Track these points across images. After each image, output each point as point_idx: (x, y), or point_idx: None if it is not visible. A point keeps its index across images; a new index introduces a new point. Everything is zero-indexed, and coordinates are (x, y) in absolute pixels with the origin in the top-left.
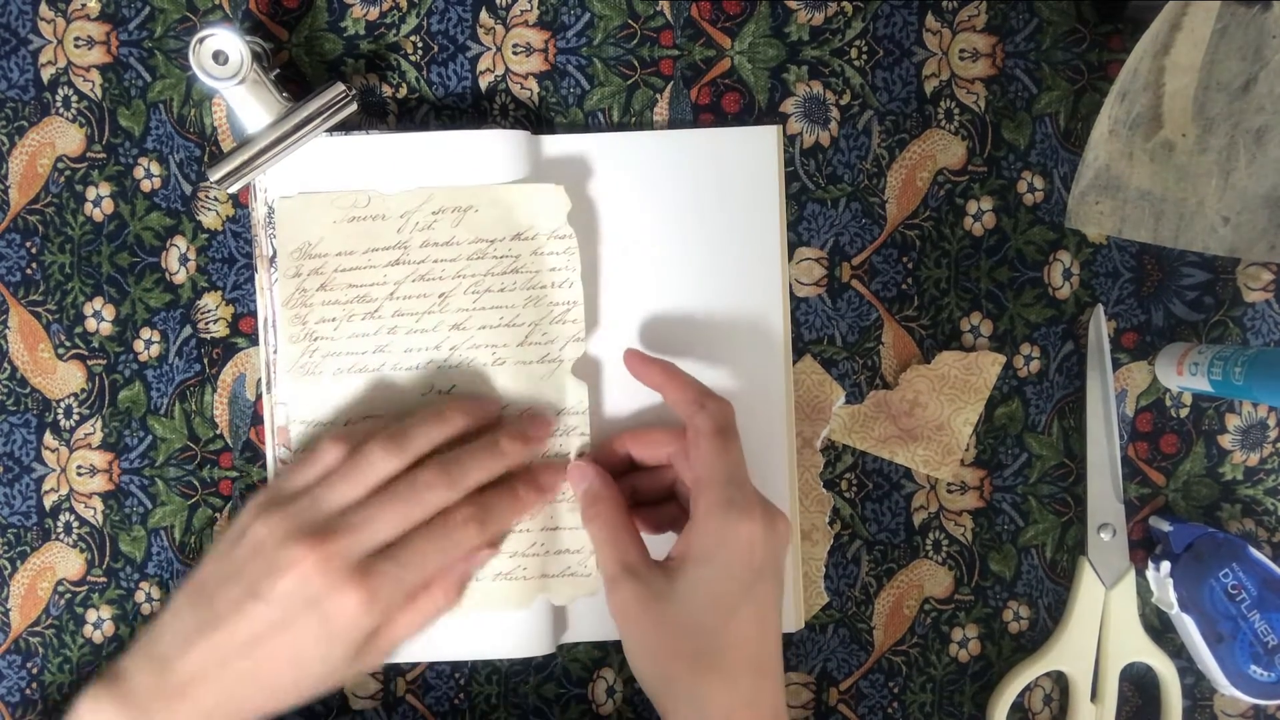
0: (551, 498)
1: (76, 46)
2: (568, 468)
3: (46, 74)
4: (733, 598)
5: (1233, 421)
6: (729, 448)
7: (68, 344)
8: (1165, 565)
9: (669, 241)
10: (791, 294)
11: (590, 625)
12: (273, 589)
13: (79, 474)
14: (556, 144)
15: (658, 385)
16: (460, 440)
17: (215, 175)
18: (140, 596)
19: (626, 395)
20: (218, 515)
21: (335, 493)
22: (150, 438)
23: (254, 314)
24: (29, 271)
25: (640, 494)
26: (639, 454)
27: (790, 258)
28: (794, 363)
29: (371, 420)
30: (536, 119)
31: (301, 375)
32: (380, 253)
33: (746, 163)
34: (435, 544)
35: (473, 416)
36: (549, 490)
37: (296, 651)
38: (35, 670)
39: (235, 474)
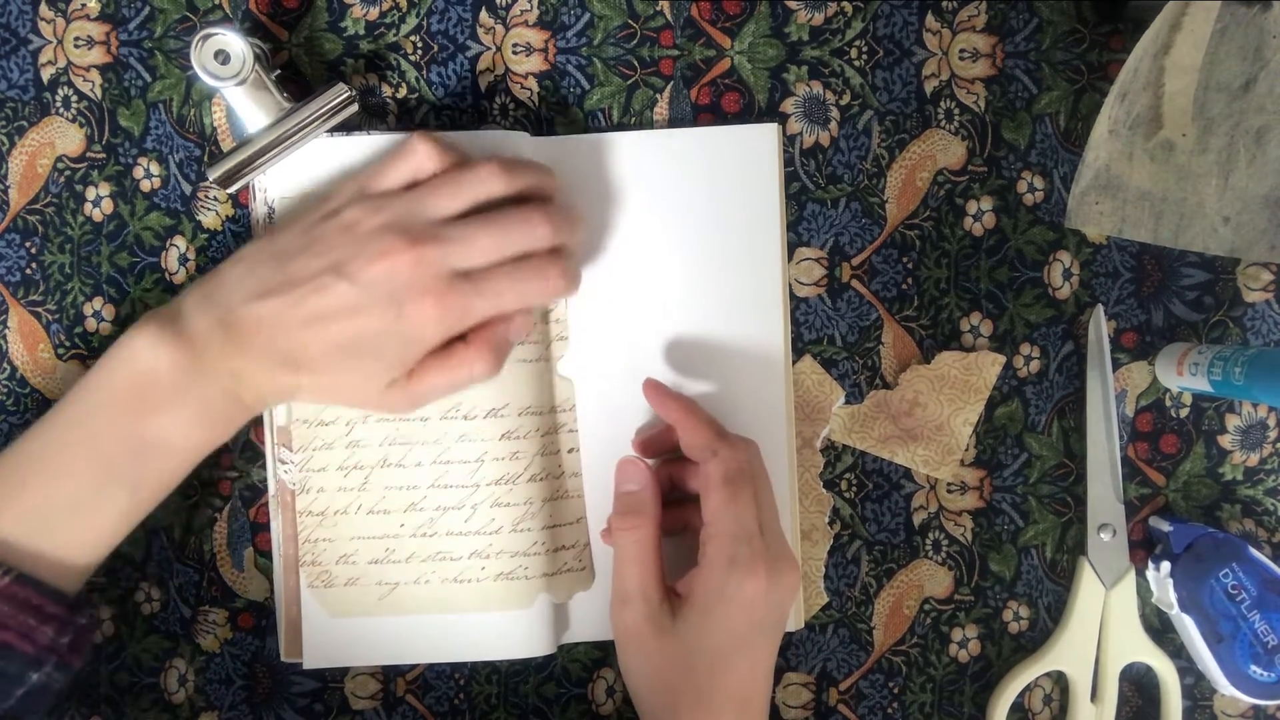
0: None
1: (76, 46)
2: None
3: (46, 74)
4: (728, 648)
5: (1233, 421)
6: (738, 498)
7: (68, 344)
8: (1165, 565)
9: (668, 241)
10: (791, 294)
11: (590, 625)
12: (360, 271)
13: None
14: (556, 144)
15: (674, 421)
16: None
17: (214, 175)
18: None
19: (621, 394)
20: (217, 515)
21: (438, 200)
22: None
23: None
24: (29, 271)
25: (675, 487)
26: (685, 450)
27: (790, 258)
28: (794, 363)
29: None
30: (536, 119)
31: None
32: None
33: (746, 161)
34: (517, 284)
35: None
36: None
37: (356, 341)
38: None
39: (235, 474)
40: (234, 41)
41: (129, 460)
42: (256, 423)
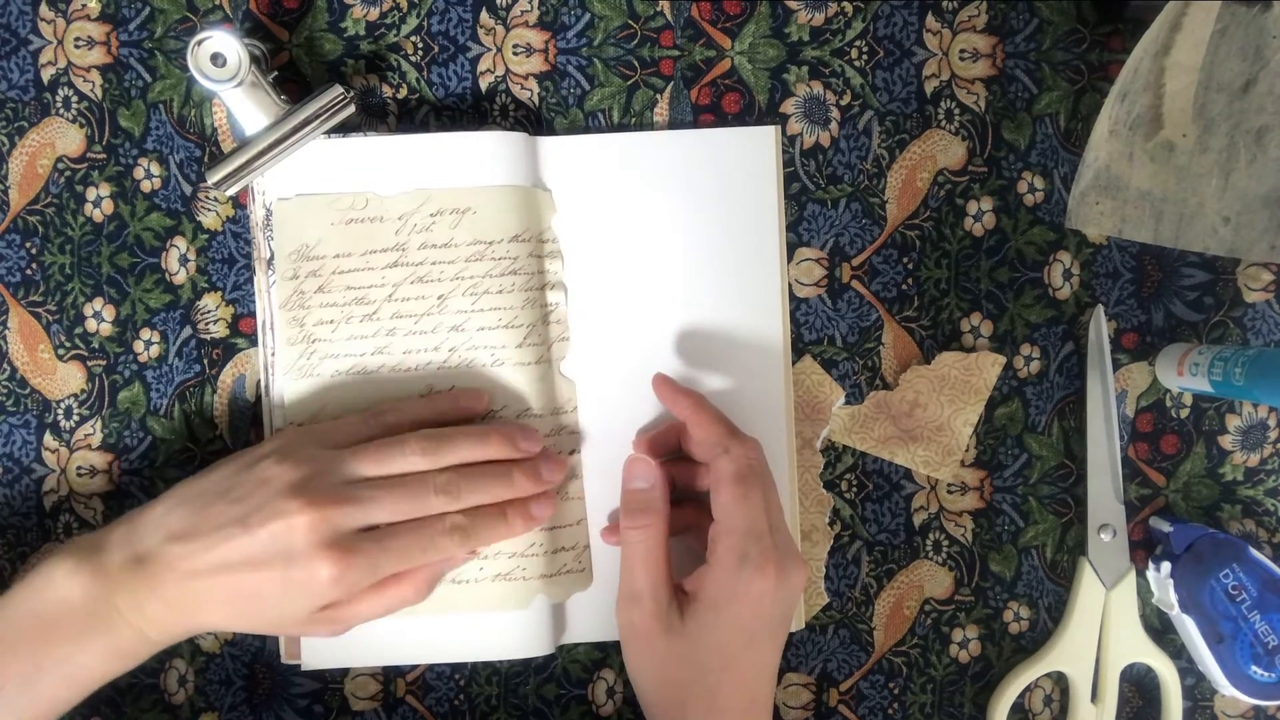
0: (538, 525)
1: (76, 47)
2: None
3: (46, 74)
4: (736, 646)
5: (1233, 422)
6: (749, 495)
7: (68, 344)
8: (1166, 566)
9: (668, 241)
10: (791, 294)
11: (590, 625)
12: (260, 526)
13: (79, 475)
14: (555, 145)
15: (684, 417)
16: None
17: (213, 178)
18: None
19: (623, 394)
20: None
21: (356, 465)
22: (150, 439)
23: (254, 315)
24: (29, 272)
25: (675, 487)
26: (693, 448)
27: (790, 258)
28: (794, 363)
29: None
30: (537, 119)
31: (300, 377)
32: (378, 254)
33: (745, 163)
34: (419, 543)
35: (510, 450)
36: (538, 521)
37: (258, 591)
38: None
39: None
40: (230, 44)
41: (18, 689)
42: (256, 423)
